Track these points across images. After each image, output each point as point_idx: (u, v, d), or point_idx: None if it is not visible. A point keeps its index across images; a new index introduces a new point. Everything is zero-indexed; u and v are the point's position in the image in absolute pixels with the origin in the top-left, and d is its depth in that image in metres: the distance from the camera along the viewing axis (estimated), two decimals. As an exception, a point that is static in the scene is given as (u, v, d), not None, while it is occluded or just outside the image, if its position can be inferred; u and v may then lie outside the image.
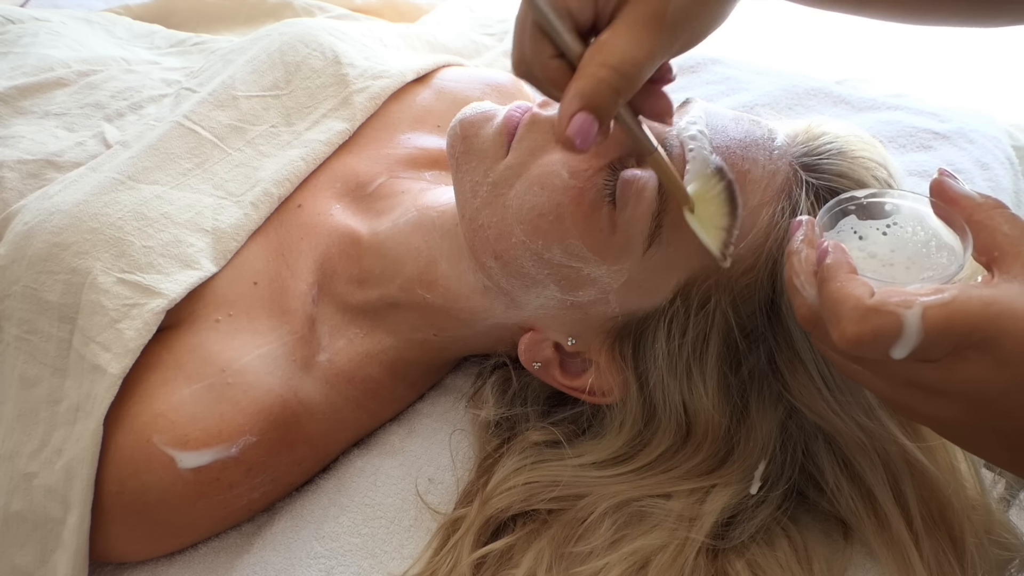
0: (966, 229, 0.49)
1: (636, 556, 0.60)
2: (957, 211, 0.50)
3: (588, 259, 0.61)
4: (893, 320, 0.43)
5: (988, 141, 0.96)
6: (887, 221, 0.53)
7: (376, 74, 0.82)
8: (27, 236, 0.67)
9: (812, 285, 0.49)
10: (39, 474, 0.63)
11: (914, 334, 0.43)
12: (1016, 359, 0.42)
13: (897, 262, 0.51)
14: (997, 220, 0.48)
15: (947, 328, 0.42)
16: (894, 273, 0.50)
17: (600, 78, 0.47)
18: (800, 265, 0.50)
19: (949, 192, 0.50)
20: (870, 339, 0.44)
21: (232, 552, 0.67)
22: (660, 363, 0.62)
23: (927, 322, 0.43)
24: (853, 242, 0.52)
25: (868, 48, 1.43)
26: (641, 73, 0.48)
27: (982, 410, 0.45)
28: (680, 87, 1.05)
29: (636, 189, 0.59)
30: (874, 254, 0.51)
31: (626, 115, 0.53)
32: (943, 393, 0.45)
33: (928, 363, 0.44)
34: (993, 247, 0.47)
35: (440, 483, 0.69)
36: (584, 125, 0.48)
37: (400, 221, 0.71)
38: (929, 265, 0.50)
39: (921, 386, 0.46)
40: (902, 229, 0.52)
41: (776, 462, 0.62)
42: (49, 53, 0.87)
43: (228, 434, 0.63)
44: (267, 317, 0.69)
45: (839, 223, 0.53)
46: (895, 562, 0.59)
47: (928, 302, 0.43)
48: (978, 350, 0.43)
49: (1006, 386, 0.43)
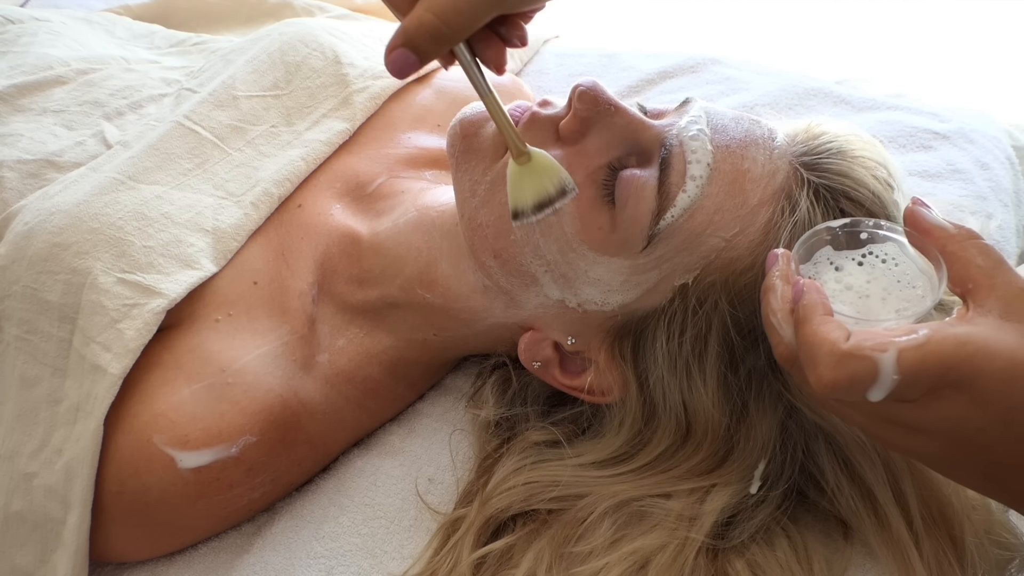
0: (940, 260, 0.49)
1: (636, 556, 0.60)
2: (930, 242, 0.50)
3: (587, 258, 0.61)
4: (868, 365, 0.44)
5: (988, 141, 0.96)
6: (863, 251, 0.53)
7: (376, 74, 0.82)
8: (27, 236, 0.67)
9: (789, 324, 0.49)
10: (39, 474, 0.63)
11: (890, 377, 0.43)
12: (992, 397, 0.43)
13: (873, 293, 0.51)
14: (970, 251, 0.48)
15: (922, 370, 0.43)
16: (870, 305, 0.50)
17: (422, 22, 0.50)
18: (776, 303, 0.50)
19: (922, 222, 0.50)
20: (846, 384, 0.44)
21: (232, 552, 0.67)
22: (660, 362, 0.62)
23: (902, 365, 0.43)
24: (829, 273, 0.53)
25: (868, 48, 1.43)
26: (463, 23, 0.50)
27: (961, 446, 0.45)
28: (680, 87, 1.06)
29: (635, 188, 0.59)
30: (850, 285, 0.52)
31: (465, 57, 0.53)
32: (922, 431, 0.46)
33: (906, 402, 0.45)
34: (967, 279, 0.47)
35: (440, 483, 0.69)
36: (400, 59, 0.50)
37: (400, 221, 0.71)
38: (905, 296, 0.50)
39: (900, 424, 0.46)
40: (877, 259, 0.53)
41: (776, 461, 0.62)
42: (48, 52, 0.87)
43: (228, 434, 0.63)
44: (267, 317, 0.69)
45: (815, 254, 0.54)
46: (895, 562, 0.59)
47: (903, 344, 0.44)
48: (954, 389, 0.43)
49: (983, 423, 0.44)
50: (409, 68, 0.51)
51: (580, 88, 0.61)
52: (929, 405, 0.44)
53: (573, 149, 0.62)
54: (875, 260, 0.53)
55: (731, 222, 0.59)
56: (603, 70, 1.11)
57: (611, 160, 0.61)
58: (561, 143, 0.62)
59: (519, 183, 0.57)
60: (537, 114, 0.63)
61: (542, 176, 0.56)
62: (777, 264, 0.52)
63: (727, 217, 0.59)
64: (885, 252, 0.53)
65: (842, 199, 0.59)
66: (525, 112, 0.64)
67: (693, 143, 0.59)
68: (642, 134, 0.61)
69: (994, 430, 0.44)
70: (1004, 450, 0.44)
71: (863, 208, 0.59)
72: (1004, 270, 0.47)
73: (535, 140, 0.62)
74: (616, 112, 0.61)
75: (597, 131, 0.61)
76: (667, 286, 0.61)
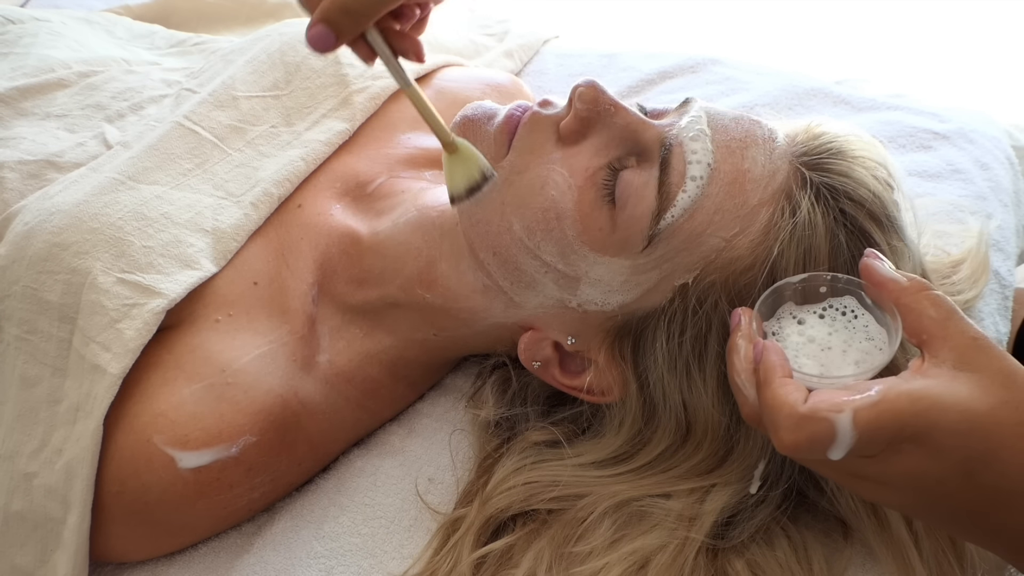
0: (895, 312, 0.50)
1: (636, 556, 0.60)
2: (884, 295, 0.51)
3: (587, 258, 0.61)
4: (826, 426, 0.45)
5: (988, 141, 0.96)
6: (823, 304, 0.55)
7: (376, 74, 0.82)
8: (27, 236, 0.67)
9: (752, 385, 0.51)
10: (39, 474, 0.63)
11: (847, 436, 0.45)
12: (947, 449, 0.45)
13: (835, 345, 0.53)
14: (923, 304, 0.49)
15: (878, 428, 0.45)
16: (832, 357, 0.52)
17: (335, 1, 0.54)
18: (740, 363, 0.52)
19: (875, 275, 0.52)
20: (807, 445, 0.46)
21: (232, 552, 0.67)
22: (660, 362, 0.62)
23: (858, 424, 0.45)
24: (792, 327, 0.54)
25: (868, 48, 1.44)
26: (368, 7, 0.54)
27: (924, 495, 0.47)
28: (680, 87, 1.07)
29: (635, 188, 0.59)
30: (812, 338, 0.53)
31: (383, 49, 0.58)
32: (886, 483, 0.47)
33: (868, 457, 0.46)
34: (921, 330, 0.49)
35: (440, 483, 0.69)
36: (318, 35, 0.54)
37: (400, 221, 0.71)
38: (864, 348, 0.52)
39: (865, 478, 0.48)
40: (838, 312, 0.54)
41: (776, 461, 0.62)
42: (49, 54, 0.87)
43: (228, 434, 0.63)
44: (267, 317, 0.69)
45: (779, 309, 0.55)
46: (895, 562, 0.59)
47: (857, 404, 0.45)
48: (912, 443, 0.45)
49: (941, 474, 0.45)
50: (328, 44, 0.55)
51: (580, 88, 0.61)
52: (889, 459, 0.46)
53: (573, 149, 0.62)
54: (835, 313, 0.54)
55: (731, 222, 0.59)
56: (603, 70, 1.11)
57: (611, 160, 0.61)
58: (562, 143, 0.62)
59: (452, 171, 0.61)
60: (537, 114, 0.63)
61: (468, 164, 0.60)
62: (739, 324, 0.54)
63: (727, 217, 0.59)
64: (844, 305, 0.55)
65: (842, 199, 0.59)
66: (526, 112, 0.64)
67: (693, 143, 0.59)
68: (642, 134, 0.61)
69: (953, 480, 0.45)
70: (965, 498, 0.46)
71: (863, 208, 0.59)
72: (955, 320, 0.48)
73: (536, 140, 0.63)
74: (616, 112, 0.61)
75: (597, 131, 0.62)
76: (667, 286, 0.61)
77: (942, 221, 0.83)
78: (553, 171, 0.61)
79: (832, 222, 0.58)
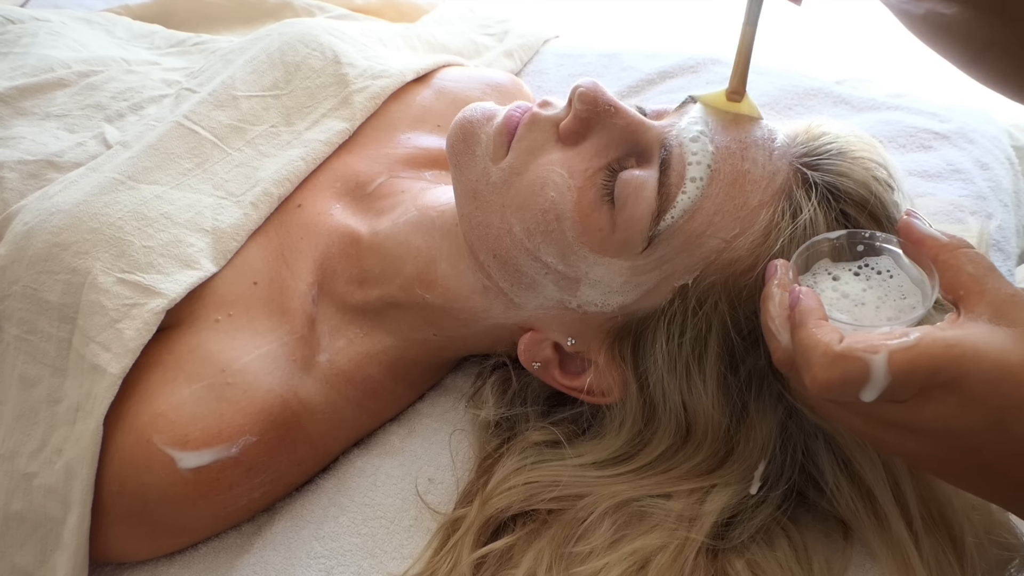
0: (933, 268, 0.51)
1: (636, 556, 0.60)
2: (923, 251, 0.52)
3: (587, 259, 0.61)
4: (860, 365, 0.45)
5: (988, 141, 0.96)
6: (860, 263, 0.55)
7: (376, 74, 0.82)
8: (27, 236, 0.67)
9: (786, 329, 0.51)
10: (39, 474, 0.63)
11: (881, 378, 0.45)
12: (981, 397, 0.44)
13: (868, 301, 0.53)
14: (961, 260, 0.49)
15: (912, 371, 0.45)
16: (865, 312, 0.52)
17: None
18: (774, 310, 0.52)
19: (915, 233, 0.52)
20: (839, 384, 0.46)
21: (232, 552, 0.67)
22: (660, 363, 0.62)
23: (893, 366, 0.45)
24: (827, 283, 0.54)
25: (868, 48, 1.43)
26: None
27: (951, 446, 0.47)
28: (680, 87, 1.06)
29: (635, 189, 0.59)
30: (846, 294, 0.54)
31: None
32: (913, 430, 0.47)
33: (898, 403, 0.46)
34: (958, 286, 0.49)
35: (440, 483, 0.69)
36: None
37: (400, 221, 0.71)
38: (898, 306, 0.52)
39: (893, 424, 0.48)
40: (873, 271, 0.55)
41: (776, 462, 0.62)
42: (49, 54, 0.87)
43: (228, 434, 0.63)
44: (267, 317, 0.69)
45: (814, 265, 0.56)
46: (895, 562, 0.59)
47: (893, 347, 0.45)
48: (944, 390, 0.45)
49: (972, 423, 0.45)
50: None
51: (580, 89, 0.61)
52: (920, 405, 0.46)
53: (573, 150, 0.62)
54: (871, 272, 0.55)
55: (731, 223, 0.59)
56: (603, 70, 1.11)
57: (611, 161, 0.61)
58: (561, 144, 0.62)
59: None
60: (537, 115, 0.63)
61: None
62: (776, 274, 0.54)
63: (727, 218, 0.59)
64: (881, 264, 0.55)
65: (843, 200, 0.59)
66: (526, 113, 0.64)
67: (693, 144, 0.59)
68: (642, 135, 0.61)
69: (984, 430, 0.45)
70: (994, 450, 0.46)
71: (863, 209, 0.59)
72: (994, 277, 0.48)
73: (536, 141, 0.63)
74: (616, 113, 0.61)
75: (597, 132, 0.62)
76: (667, 287, 0.61)
77: (942, 221, 0.83)
78: (553, 172, 0.61)
79: (833, 223, 0.58)
